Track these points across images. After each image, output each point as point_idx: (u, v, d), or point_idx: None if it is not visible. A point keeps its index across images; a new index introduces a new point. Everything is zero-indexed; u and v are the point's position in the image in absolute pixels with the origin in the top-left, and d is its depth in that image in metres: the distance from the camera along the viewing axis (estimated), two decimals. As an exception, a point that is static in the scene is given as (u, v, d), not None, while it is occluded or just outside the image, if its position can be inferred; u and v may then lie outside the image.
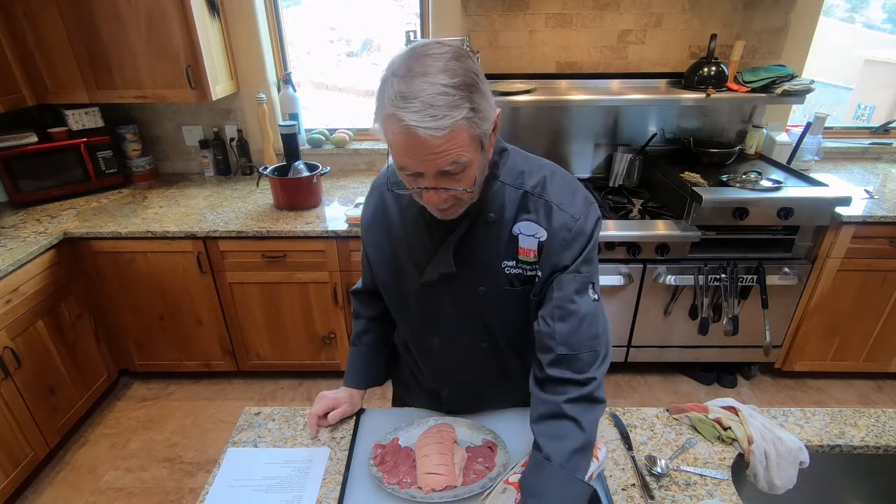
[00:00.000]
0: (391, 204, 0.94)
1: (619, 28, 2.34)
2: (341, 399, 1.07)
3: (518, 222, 0.84)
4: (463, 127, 0.68)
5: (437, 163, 0.70)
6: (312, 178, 2.19)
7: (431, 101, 0.66)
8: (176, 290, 2.20)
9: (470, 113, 0.68)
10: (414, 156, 0.70)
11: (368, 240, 0.99)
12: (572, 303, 0.82)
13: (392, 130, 0.69)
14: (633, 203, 2.29)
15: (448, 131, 0.67)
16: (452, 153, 0.69)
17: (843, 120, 3.22)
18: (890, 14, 3.71)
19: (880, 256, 2.10)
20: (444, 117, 0.66)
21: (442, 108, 0.66)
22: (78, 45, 2.12)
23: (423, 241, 0.89)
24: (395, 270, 0.96)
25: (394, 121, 0.67)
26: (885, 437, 1.01)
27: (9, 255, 1.84)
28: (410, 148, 0.69)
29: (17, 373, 1.82)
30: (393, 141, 0.70)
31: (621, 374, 2.51)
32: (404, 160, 0.72)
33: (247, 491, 0.92)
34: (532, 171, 0.86)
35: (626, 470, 0.95)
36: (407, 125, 0.66)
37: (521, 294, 0.88)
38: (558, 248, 0.83)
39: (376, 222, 0.96)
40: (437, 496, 0.86)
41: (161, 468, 2.04)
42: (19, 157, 2.21)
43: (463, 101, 0.67)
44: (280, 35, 2.54)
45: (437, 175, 0.72)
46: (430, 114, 0.65)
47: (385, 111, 0.68)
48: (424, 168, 0.71)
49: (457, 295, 0.91)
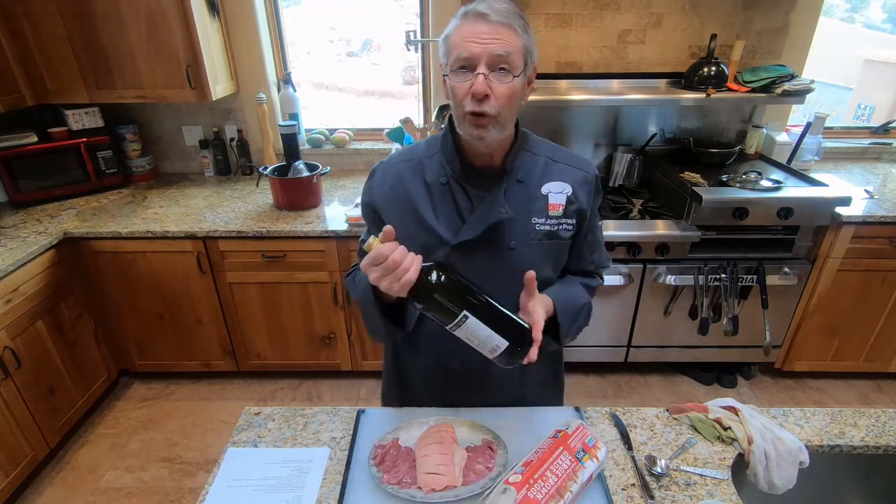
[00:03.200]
0: (411, 178, 0.99)
1: (619, 28, 2.34)
2: None
3: (546, 184, 0.99)
4: (517, 30, 0.84)
5: (493, 46, 0.83)
6: (312, 178, 2.20)
7: (499, 5, 0.85)
8: (176, 290, 2.20)
9: (523, 28, 0.86)
10: (477, 38, 0.83)
11: (387, 213, 0.99)
12: (596, 239, 1.09)
13: (460, 27, 0.85)
14: (633, 203, 2.29)
15: (507, 21, 0.83)
16: (506, 44, 0.83)
17: (843, 120, 3.22)
18: (890, 14, 3.71)
19: (880, 256, 2.10)
20: (505, 12, 0.84)
21: (506, 9, 0.84)
22: (78, 45, 2.12)
23: (457, 203, 0.97)
24: (423, 239, 0.97)
25: (462, 18, 0.86)
26: (885, 437, 1.01)
27: (9, 255, 1.84)
28: (475, 33, 0.83)
29: (17, 373, 1.82)
30: (457, 35, 0.85)
31: (621, 374, 2.51)
32: (466, 45, 0.83)
33: (247, 491, 0.92)
34: (545, 144, 1.04)
35: (626, 470, 0.95)
36: (476, 10, 0.84)
37: (548, 248, 1.00)
38: (583, 198, 1.01)
39: (395, 195, 0.99)
40: (438, 496, 0.86)
41: (161, 468, 2.04)
42: (19, 157, 2.21)
43: (520, 19, 0.86)
44: (280, 35, 2.54)
45: (490, 66, 0.84)
46: (496, 8, 0.84)
47: (456, 17, 0.87)
48: (481, 49, 0.83)
49: (491, 251, 0.97)
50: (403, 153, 1.03)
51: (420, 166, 0.99)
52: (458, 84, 0.86)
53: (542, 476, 0.81)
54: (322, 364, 2.41)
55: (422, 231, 0.97)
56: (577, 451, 0.87)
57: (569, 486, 0.82)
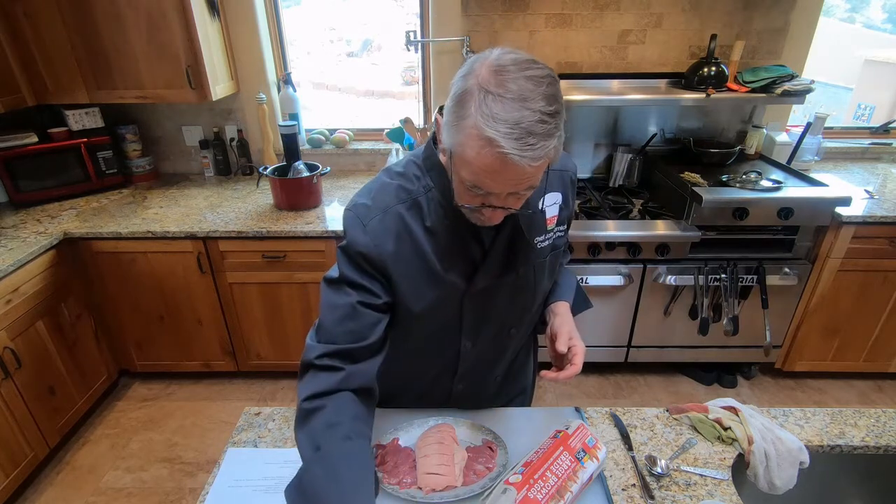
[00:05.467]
0: (414, 222, 0.84)
1: (619, 28, 2.34)
2: None
3: (542, 197, 0.92)
4: (551, 155, 0.67)
5: (518, 186, 0.69)
6: (312, 178, 2.20)
7: (531, 128, 0.63)
8: (176, 290, 2.20)
9: (559, 142, 0.67)
10: (499, 180, 0.68)
11: (398, 271, 0.84)
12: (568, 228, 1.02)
13: (480, 151, 0.65)
14: (634, 203, 2.29)
15: (543, 161, 0.66)
16: (534, 178, 0.69)
17: (843, 120, 3.22)
18: (890, 14, 3.71)
19: (880, 256, 2.10)
20: (540, 147, 0.64)
21: (540, 137, 0.64)
22: (78, 45, 2.12)
23: (467, 246, 0.87)
24: (437, 292, 0.87)
25: (485, 143, 0.64)
26: (886, 438, 1.01)
27: (9, 255, 1.84)
28: (497, 172, 0.66)
29: (18, 373, 1.82)
30: (476, 161, 0.67)
31: (621, 374, 2.51)
32: (484, 181, 0.69)
33: (247, 491, 0.92)
34: None
35: (626, 470, 0.95)
36: (503, 152, 0.63)
37: (548, 263, 0.97)
38: (570, 200, 0.98)
39: (404, 247, 0.84)
40: (438, 496, 0.86)
41: (161, 468, 2.04)
42: (19, 157, 2.21)
43: (556, 130, 0.66)
44: (280, 35, 2.54)
45: (508, 195, 0.72)
46: (529, 143, 0.63)
47: (475, 129, 0.65)
48: (501, 189, 0.70)
49: (503, 285, 0.91)
50: (396, 191, 0.85)
51: (418, 208, 0.84)
52: (465, 194, 0.74)
53: (543, 476, 0.81)
54: (322, 364, 2.40)
55: (435, 284, 0.87)
56: (577, 452, 0.87)
57: (569, 487, 0.82)
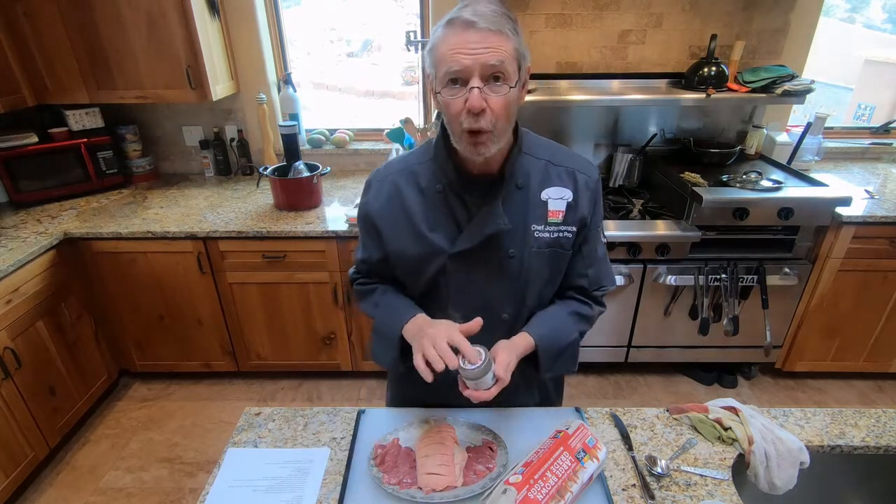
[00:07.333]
0: (408, 188, 0.97)
1: (619, 28, 2.34)
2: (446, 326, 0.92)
3: (546, 189, 0.96)
4: (508, 36, 0.80)
5: (485, 56, 0.78)
6: (312, 178, 2.20)
7: (484, 9, 0.80)
8: (176, 290, 2.20)
9: (513, 31, 0.81)
10: (466, 49, 0.78)
11: (385, 226, 0.99)
12: (595, 252, 1.03)
13: (444, 36, 0.80)
14: (634, 203, 2.29)
15: (497, 27, 0.78)
16: (499, 51, 0.79)
17: (843, 120, 3.23)
18: (890, 14, 3.71)
19: (880, 256, 2.10)
20: (494, 16, 0.79)
21: (493, 13, 0.79)
22: (78, 45, 2.12)
23: (454, 212, 0.95)
24: (419, 249, 0.97)
25: (446, 27, 0.80)
26: (886, 438, 1.01)
27: (9, 255, 1.84)
28: (464, 43, 0.78)
29: (18, 373, 1.82)
30: (443, 45, 0.80)
31: (621, 374, 2.51)
32: (457, 57, 0.79)
33: (247, 491, 0.92)
34: (545, 146, 1.01)
35: (626, 470, 0.95)
36: (464, 18, 0.78)
37: (548, 257, 0.98)
38: (585, 204, 0.98)
39: (392, 206, 0.98)
40: (438, 497, 0.86)
41: (161, 468, 2.04)
42: (20, 157, 2.21)
43: (509, 21, 0.81)
44: (280, 35, 2.54)
45: (483, 77, 0.80)
46: (479, 11, 0.79)
47: (440, 30, 0.81)
48: (473, 61, 0.79)
49: (489, 260, 0.96)
50: (397, 162, 1.01)
51: (414, 175, 0.97)
52: (451, 100, 0.83)
53: (543, 476, 0.81)
54: (322, 364, 2.41)
55: (418, 241, 0.96)
56: (577, 452, 0.87)
57: (569, 487, 0.82)
